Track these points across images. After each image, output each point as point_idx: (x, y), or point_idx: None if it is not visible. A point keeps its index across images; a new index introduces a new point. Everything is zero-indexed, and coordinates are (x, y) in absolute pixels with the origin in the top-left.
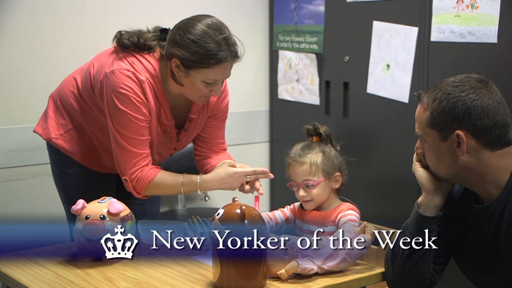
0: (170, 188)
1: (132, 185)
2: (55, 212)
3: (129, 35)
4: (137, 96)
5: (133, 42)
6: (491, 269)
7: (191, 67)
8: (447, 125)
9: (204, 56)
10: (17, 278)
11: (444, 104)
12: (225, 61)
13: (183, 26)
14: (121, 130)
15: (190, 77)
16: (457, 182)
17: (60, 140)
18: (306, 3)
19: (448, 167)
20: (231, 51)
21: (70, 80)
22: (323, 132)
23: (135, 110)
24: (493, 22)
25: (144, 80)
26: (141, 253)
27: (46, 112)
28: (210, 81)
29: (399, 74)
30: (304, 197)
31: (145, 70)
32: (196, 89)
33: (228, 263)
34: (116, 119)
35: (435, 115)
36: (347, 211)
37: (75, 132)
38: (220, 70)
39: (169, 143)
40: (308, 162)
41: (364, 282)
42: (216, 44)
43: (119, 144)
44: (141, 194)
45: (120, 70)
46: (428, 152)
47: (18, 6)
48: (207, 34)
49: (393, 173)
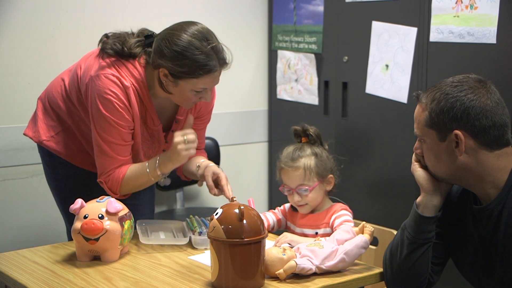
0: (140, 177)
1: (108, 186)
2: (52, 211)
3: (113, 41)
4: (120, 102)
5: (117, 51)
6: (489, 270)
7: (180, 77)
8: (446, 125)
9: (193, 68)
10: (15, 277)
11: (443, 104)
12: (214, 70)
13: (168, 37)
14: (103, 134)
15: (179, 87)
16: (456, 183)
17: (51, 142)
18: (305, 3)
19: (446, 167)
20: (220, 59)
21: (58, 82)
22: (312, 134)
23: (118, 115)
24: (492, 23)
25: (128, 86)
26: (139, 253)
27: (35, 114)
28: (200, 90)
29: (398, 75)
30: (299, 201)
31: (130, 75)
32: (186, 97)
33: (226, 262)
34: (99, 123)
35: (434, 115)
36: (340, 211)
37: (65, 133)
38: (209, 79)
39: (157, 146)
40: (302, 167)
41: (362, 282)
42: (204, 55)
43: (100, 147)
44: (118, 194)
45: (106, 75)
46: (427, 152)
47: (18, 6)
48: (194, 45)
49: (392, 173)
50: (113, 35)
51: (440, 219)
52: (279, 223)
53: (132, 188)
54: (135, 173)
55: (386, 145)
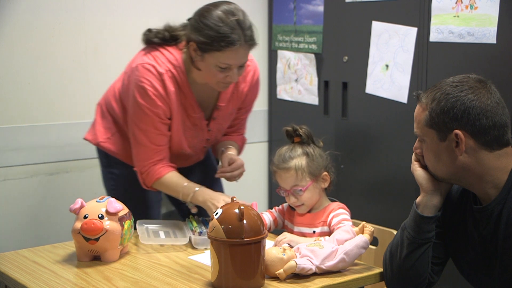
0: (171, 190)
1: (142, 177)
2: (53, 211)
3: (157, 30)
4: (155, 90)
5: (160, 37)
6: (488, 270)
7: (205, 50)
8: (446, 125)
9: (215, 39)
10: (16, 277)
11: (443, 104)
12: (237, 44)
13: (200, 11)
14: (138, 123)
15: (205, 61)
16: (456, 182)
17: (107, 143)
18: (305, 3)
19: (446, 167)
20: (245, 35)
21: (113, 85)
22: (303, 134)
23: (153, 104)
24: (492, 23)
25: (163, 72)
26: (139, 253)
27: (94, 120)
28: (224, 66)
29: (398, 75)
30: (295, 202)
31: (167, 61)
32: (211, 73)
33: (226, 262)
34: (135, 112)
35: (434, 115)
36: (338, 210)
37: (120, 134)
38: (232, 53)
39: (200, 135)
40: (293, 168)
41: (362, 282)
42: (228, 27)
43: (135, 136)
44: (149, 187)
45: (143, 64)
46: (427, 152)
47: (17, 6)
48: (220, 17)
49: (392, 173)
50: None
51: (440, 219)
52: (275, 222)
53: (162, 190)
54: (170, 184)
55: (386, 145)
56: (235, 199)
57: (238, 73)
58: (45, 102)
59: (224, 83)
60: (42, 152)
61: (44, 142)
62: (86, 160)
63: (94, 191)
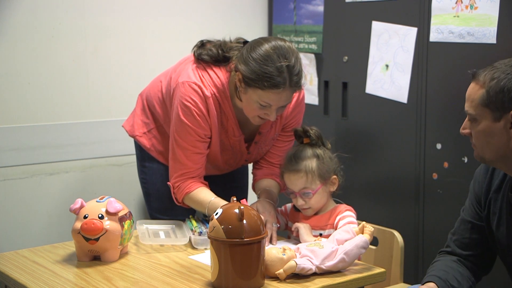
0: (199, 206)
1: (174, 191)
2: (53, 211)
3: (210, 47)
4: (199, 111)
5: (212, 55)
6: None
7: (249, 84)
8: (504, 104)
9: (260, 77)
10: (16, 277)
11: (503, 84)
12: (281, 87)
13: (253, 43)
14: (179, 139)
15: (247, 94)
16: (501, 166)
17: (143, 138)
18: (305, 3)
19: (497, 148)
20: (291, 80)
21: (156, 82)
22: (313, 135)
23: (195, 124)
24: (492, 23)
25: (209, 95)
26: (139, 253)
27: (134, 110)
28: (264, 104)
29: (398, 75)
30: (303, 205)
31: (212, 85)
32: (251, 108)
33: (226, 262)
34: (177, 128)
35: (492, 94)
36: (345, 212)
37: (156, 131)
38: (274, 95)
39: (239, 156)
40: (303, 170)
41: (362, 282)
42: (275, 68)
43: (174, 151)
44: (181, 202)
45: (189, 83)
46: (478, 132)
47: (17, 6)
48: (270, 56)
49: (392, 173)
50: (211, 42)
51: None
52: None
53: (191, 205)
54: (197, 199)
55: (386, 145)
56: (234, 200)
57: (278, 112)
58: (45, 102)
59: (262, 118)
60: (42, 152)
61: (44, 142)
62: (86, 160)
63: (94, 191)
